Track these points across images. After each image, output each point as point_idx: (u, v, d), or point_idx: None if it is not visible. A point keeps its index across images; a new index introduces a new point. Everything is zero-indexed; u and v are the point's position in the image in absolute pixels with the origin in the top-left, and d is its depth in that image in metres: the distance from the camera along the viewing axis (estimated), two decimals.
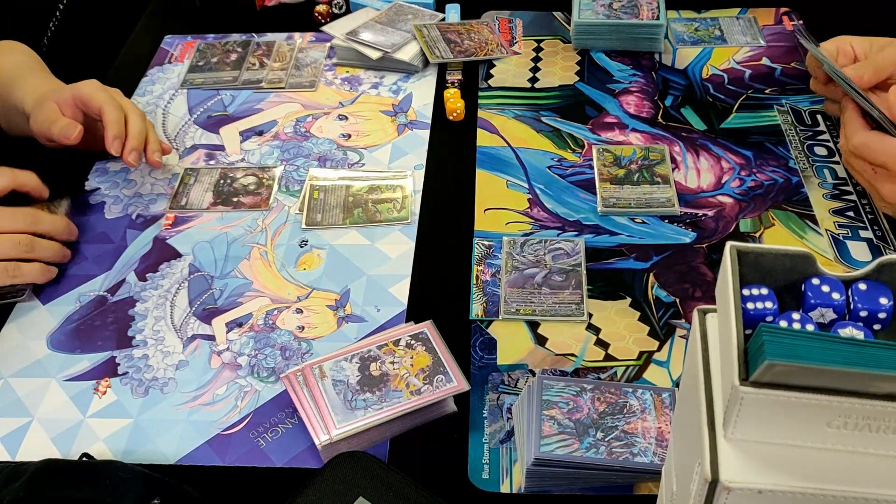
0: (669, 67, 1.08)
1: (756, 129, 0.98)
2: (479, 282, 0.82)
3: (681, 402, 0.48)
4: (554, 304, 0.79)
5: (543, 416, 0.65)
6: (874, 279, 0.41)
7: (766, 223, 0.87)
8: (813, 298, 0.41)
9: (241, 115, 1.05)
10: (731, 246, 0.41)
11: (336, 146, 0.99)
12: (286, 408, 0.72)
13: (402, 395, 0.68)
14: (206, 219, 0.91)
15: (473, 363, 0.75)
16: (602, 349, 0.76)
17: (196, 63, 1.12)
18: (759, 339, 0.36)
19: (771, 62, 1.08)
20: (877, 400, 0.36)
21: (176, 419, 0.72)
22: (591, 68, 1.09)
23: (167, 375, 0.76)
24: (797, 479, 0.38)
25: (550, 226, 0.88)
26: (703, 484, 0.38)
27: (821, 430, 0.37)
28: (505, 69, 1.09)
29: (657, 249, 0.85)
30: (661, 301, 0.80)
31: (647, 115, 1.01)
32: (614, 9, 1.10)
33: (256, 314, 0.81)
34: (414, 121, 1.02)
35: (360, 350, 0.71)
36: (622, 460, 0.62)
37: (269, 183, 0.94)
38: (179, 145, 1.01)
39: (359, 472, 0.61)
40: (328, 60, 1.12)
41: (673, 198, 0.89)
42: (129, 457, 0.69)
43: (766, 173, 0.93)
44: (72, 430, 0.72)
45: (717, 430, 0.39)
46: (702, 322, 0.44)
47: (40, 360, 0.78)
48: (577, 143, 0.98)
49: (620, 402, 0.66)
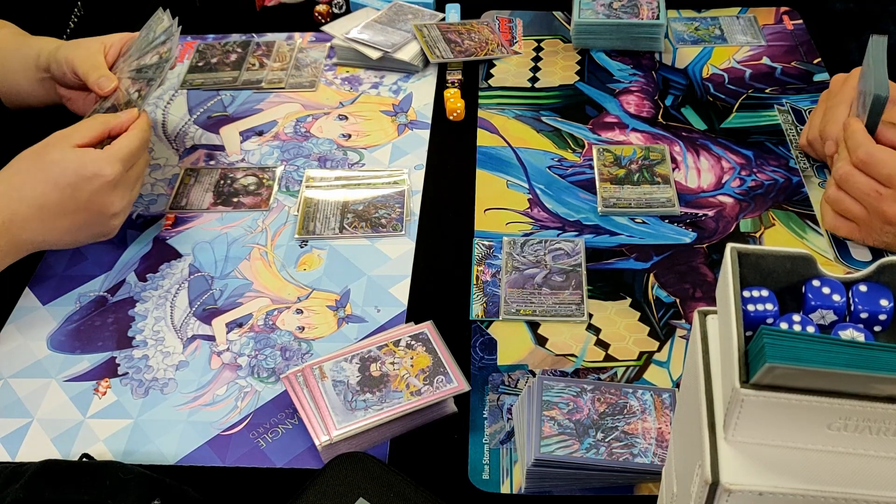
0: (670, 67, 1.08)
1: (756, 128, 0.98)
2: (480, 282, 0.82)
3: (681, 404, 0.48)
4: (554, 304, 0.79)
5: (543, 416, 0.65)
6: (875, 281, 0.41)
7: (766, 223, 0.87)
8: (813, 300, 0.41)
9: (241, 115, 1.04)
10: (732, 248, 0.41)
11: (336, 146, 0.99)
12: (286, 408, 0.72)
13: (403, 395, 0.68)
14: (207, 219, 0.91)
15: (473, 364, 0.75)
16: (602, 350, 0.76)
17: (196, 63, 1.12)
18: (759, 341, 0.36)
19: (771, 61, 1.08)
20: (877, 402, 0.36)
21: (176, 420, 0.72)
22: (592, 68, 1.09)
23: (167, 376, 0.76)
24: (798, 481, 0.38)
25: (550, 226, 0.88)
26: (703, 486, 0.38)
27: (821, 432, 0.37)
28: (505, 69, 1.09)
29: (657, 250, 0.85)
30: (662, 301, 0.80)
31: (648, 115, 1.01)
32: (614, 8, 1.10)
33: (256, 315, 0.80)
34: (414, 121, 1.02)
35: (360, 350, 0.71)
36: (622, 461, 0.62)
37: (270, 183, 0.94)
38: (179, 146, 1.01)
39: (359, 473, 0.61)
40: (328, 60, 1.12)
41: (673, 198, 0.89)
42: (129, 457, 0.69)
43: (767, 173, 0.92)
44: (72, 430, 0.72)
45: (718, 432, 0.39)
46: (702, 324, 0.44)
47: (40, 360, 0.78)
48: (577, 143, 0.98)
49: (621, 403, 0.66)
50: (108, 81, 0.88)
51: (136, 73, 0.88)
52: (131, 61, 0.90)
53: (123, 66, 0.91)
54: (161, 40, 0.90)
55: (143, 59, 0.89)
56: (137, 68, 0.89)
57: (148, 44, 0.91)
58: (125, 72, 0.89)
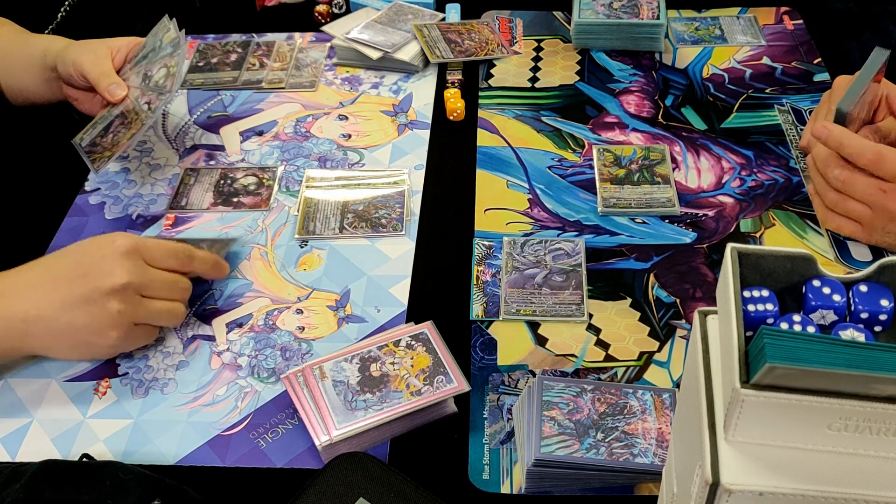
0: (670, 67, 1.08)
1: (756, 128, 0.98)
2: (480, 282, 0.82)
3: (681, 404, 0.48)
4: (554, 304, 0.79)
5: (544, 416, 0.65)
6: (875, 281, 0.41)
7: (766, 223, 0.87)
8: (814, 300, 0.41)
9: (242, 115, 1.04)
10: (732, 248, 0.41)
11: (336, 146, 0.99)
12: (286, 408, 0.72)
13: (403, 395, 0.68)
14: (207, 219, 0.91)
15: (474, 364, 0.75)
16: (602, 350, 0.76)
17: (196, 63, 1.12)
18: (759, 341, 0.36)
19: (771, 61, 1.08)
20: (877, 402, 0.36)
21: (176, 420, 0.72)
22: (592, 68, 1.09)
23: (167, 376, 0.76)
24: (798, 481, 0.38)
25: (551, 226, 0.87)
26: (703, 486, 0.38)
27: (821, 432, 0.37)
28: (505, 69, 1.09)
29: (657, 250, 0.85)
30: (662, 301, 0.80)
31: (648, 115, 1.01)
32: (614, 8, 1.10)
33: (256, 315, 0.80)
34: (414, 121, 1.02)
35: (360, 351, 0.71)
36: (622, 461, 0.62)
37: (270, 183, 0.94)
38: (179, 146, 1.01)
39: (359, 473, 0.61)
40: (328, 60, 1.12)
41: (673, 198, 0.89)
42: (129, 457, 0.69)
43: (767, 173, 0.92)
44: (72, 430, 0.72)
45: (718, 433, 0.39)
46: (702, 324, 0.44)
47: (40, 360, 0.77)
48: (577, 143, 0.97)
49: (621, 403, 0.66)
50: (119, 89, 0.88)
51: (144, 84, 0.88)
52: (139, 68, 0.90)
53: (130, 73, 0.91)
54: (168, 52, 0.90)
55: (151, 69, 0.90)
56: (145, 78, 0.89)
57: (155, 53, 0.91)
58: (133, 79, 0.89)
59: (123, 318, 0.71)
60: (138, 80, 0.89)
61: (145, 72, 0.90)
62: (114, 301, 0.70)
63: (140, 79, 0.89)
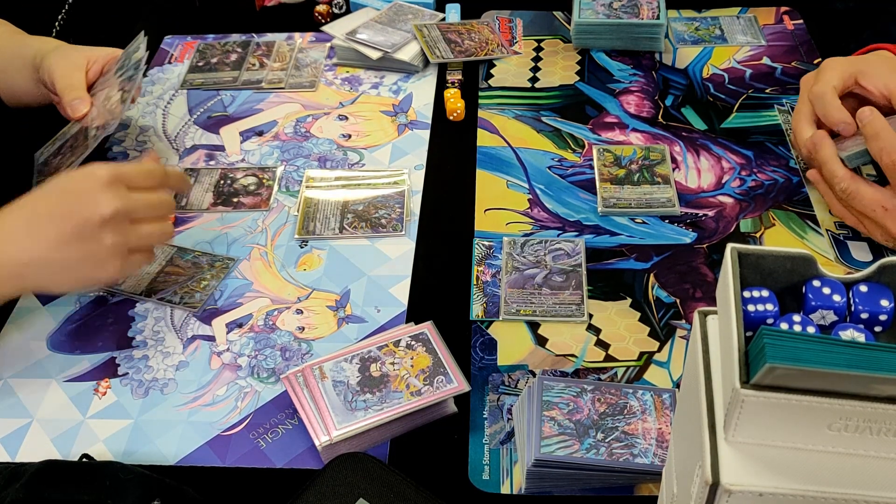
0: (670, 67, 1.08)
1: (757, 128, 0.98)
2: (480, 282, 0.82)
3: (681, 405, 0.48)
4: (554, 304, 0.79)
5: (544, 416, 0.65)
6: (875, 281, 0.41)
7: (766, 223, 0.87)
8: (814, 300, 0.41)
9: (241, 115, 1.04)
10: (732, 248, 0.41)
11: (336, 146, 0.99)
12: (286, 409, 0.72)
13: (403, 395, 0.68)
14: (207, 219, 0.91)
15: (474, 364, 0.75)
16: (602, 350, 0.76)
17: (196, 63, 1.12)
18: (759, 341, 0.36)
19: (771, 61, 1.08)
20: (878, 402, 0.36)
21: (176, 420, 0.72)
22: (592, 68, 1.09)
23: (167, 376, 0.76)
24: (798, 481, 0.38)
25: (551, 226, 0.87)
26: (703, 486, 0.38)
27: (822, 432, 0.37)
28: (505, 69, 1.09)
29: (657, 250, 0.85)
30: (662, 301, 0.80)
31: (648, 115, 1.01)
32: (614, 8, 1.10)
33: (256, 315, 0.80)
34: (414, 121, 1.02)
35: (360, 351, 0.71)
36: (622, 461, 0.62)
37: (270, 183, 0.94)
38: (179, 146, 1.01)
39: (359, 474, 0.61)
40: (328, 60, 1.12)
41: (673, 198, 0.89)
42: (128, 458, 0.69)
43: (767, 173, 0.92)
44: (72, 430, 0.72)
45: (718, 433, 0.39)
46: (702, 324, 0.44)
47: (40, 360, 0.78)
48: (577, 143, 0.97)
49: (621, 403, 0.66)
50: (81, 105, 0.86)
51: (102, 105, 0.86)
52: (111, 83, 0.89)
53: (101, 88, 0.89)
54: (130, 74, 0.88)
55: (113, 90, 0.87)
56: (106, 98, 0.87)
57: (122, 70, 0.89)
58: (99, 95, 0.88)
59: (118, 248, 0.71)
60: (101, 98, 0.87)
61: (107, 91, 0.87)
62: (106, 233, 0.70)
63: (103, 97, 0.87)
